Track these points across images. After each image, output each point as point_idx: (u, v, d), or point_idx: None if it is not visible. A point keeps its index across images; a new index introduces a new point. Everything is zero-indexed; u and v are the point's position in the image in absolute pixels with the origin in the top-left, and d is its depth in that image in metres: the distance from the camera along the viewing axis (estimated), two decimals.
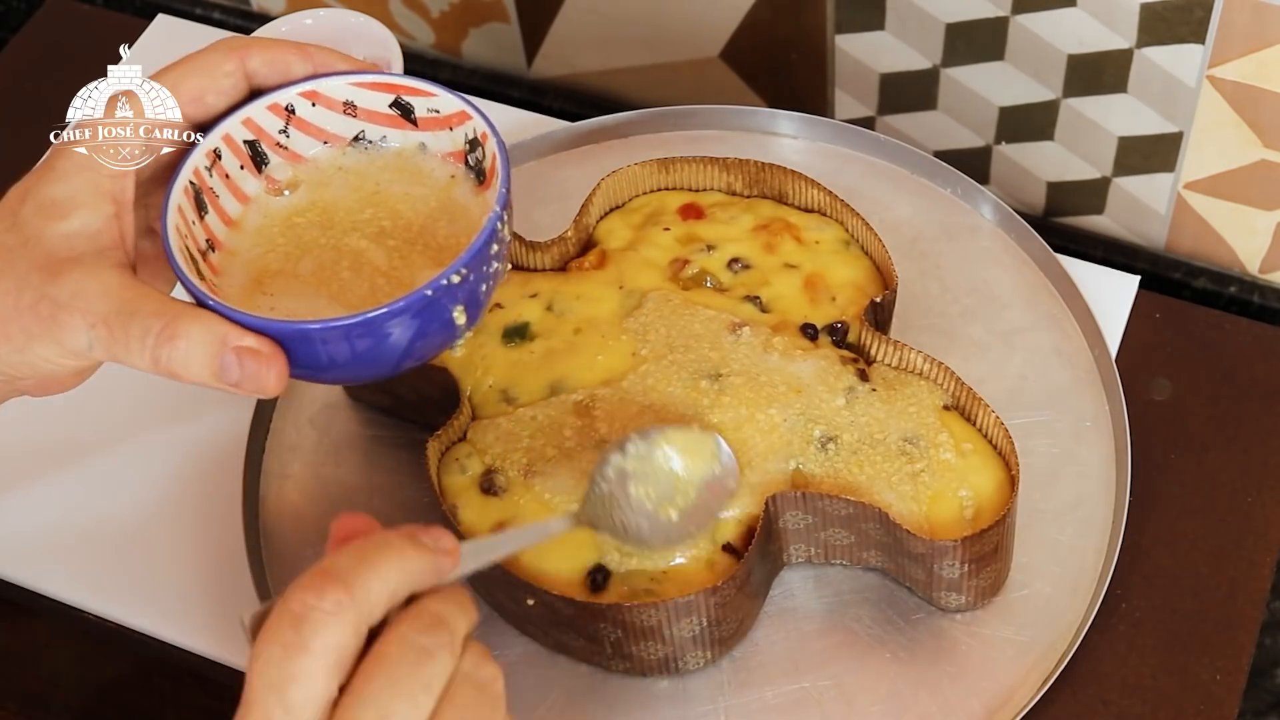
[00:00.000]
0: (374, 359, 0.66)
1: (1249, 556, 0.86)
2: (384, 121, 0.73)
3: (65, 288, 0.65)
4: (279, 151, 0.72)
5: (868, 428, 0.81)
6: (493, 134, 0.71)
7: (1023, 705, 0.80)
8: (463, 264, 0.66)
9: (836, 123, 1.00)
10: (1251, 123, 0.92)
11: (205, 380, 0.65)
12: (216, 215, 0.71)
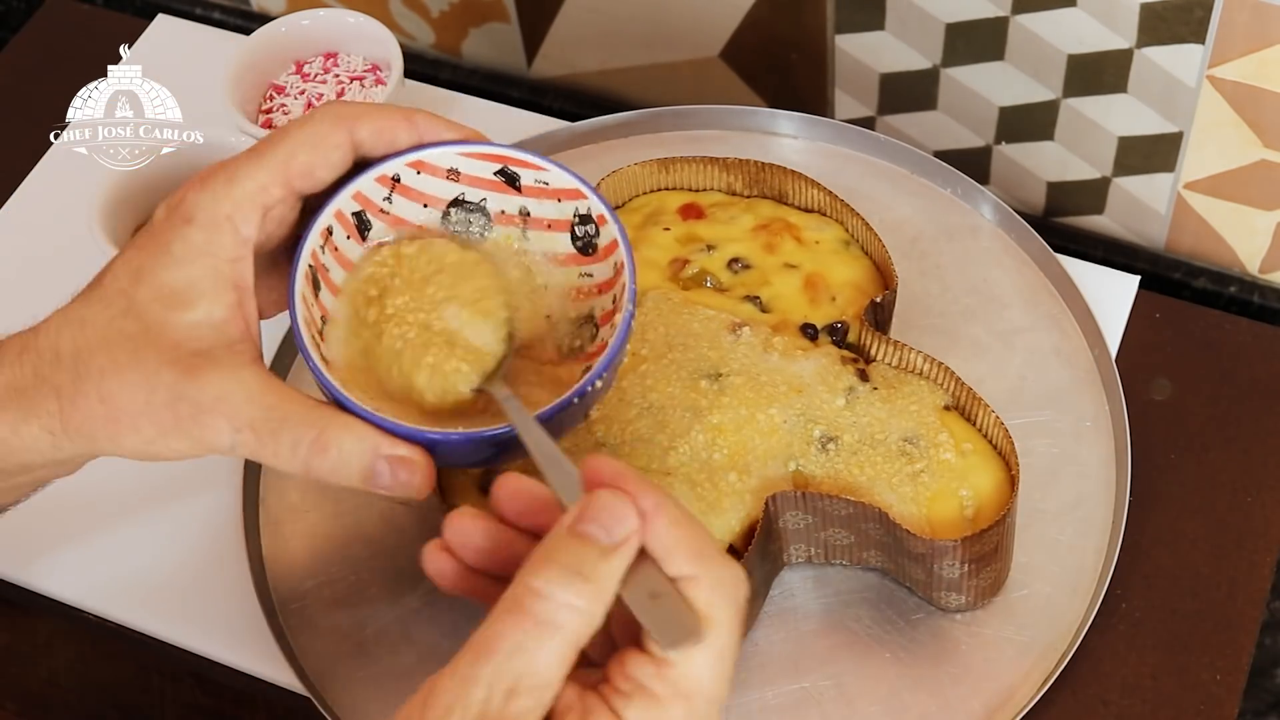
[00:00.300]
0: (508, 456, 0.68)
1: (1249, 556, 0.86)
2: (486, 186, 0.73)
3: (207, 390, 0.65)
4: (382, 217, 0.72)
5: (868, 428, 0.81)
6: (611, 218, 0.71)
7: (1023, 705, 0.80)
8: (604, 368, 0.67)
9: (836, 123, 1.00)
10: (1251, 123, 0.92)
11: (355, 484, 0.66)
12: (327, 289, 0.70)
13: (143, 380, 0.65)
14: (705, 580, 0.57)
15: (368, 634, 0.85)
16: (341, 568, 0.87)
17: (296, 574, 0.87)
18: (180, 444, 0.66)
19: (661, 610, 0.56)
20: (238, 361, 0.65)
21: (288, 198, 0.68)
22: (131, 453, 0.66)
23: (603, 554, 0.56)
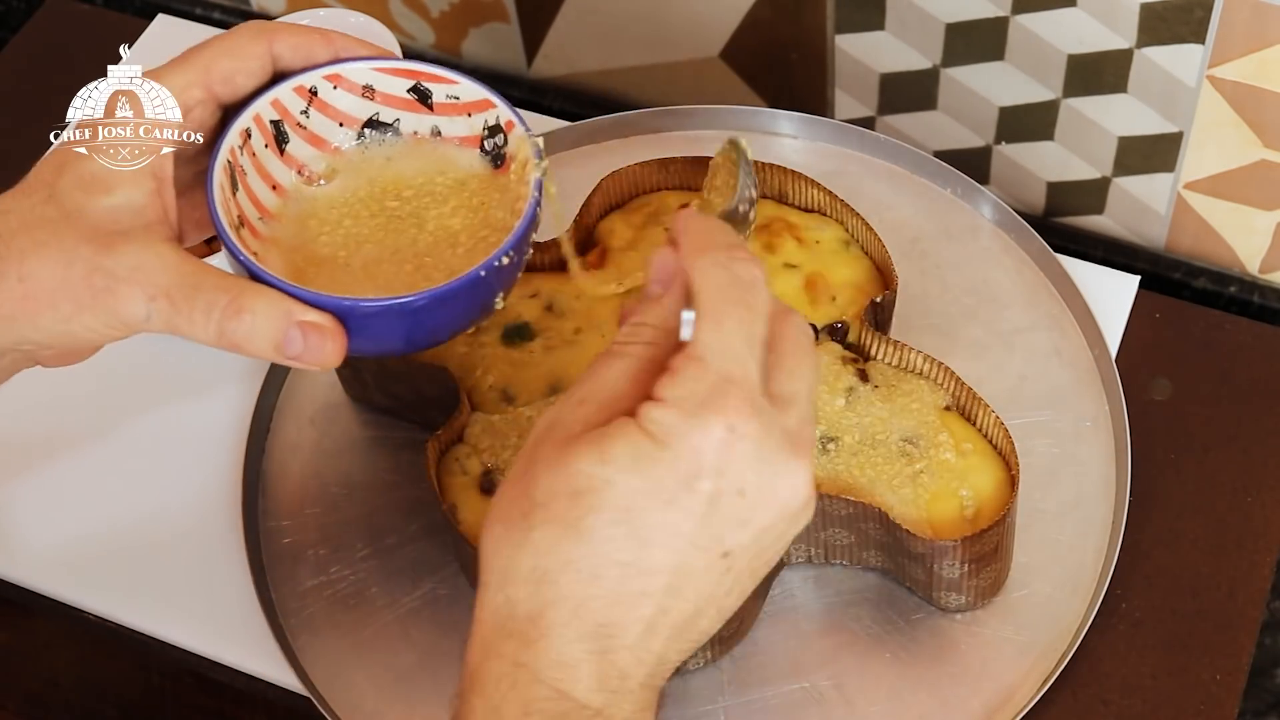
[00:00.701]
0: (421, 335, 0.70)
1: (1249, 556, 0.86)
2: (400, 105, 0.75)
3: (123, 260, 0.66)
4: (298, 131, 0.74)
5: (868, 428, 0.81)
6: (520, 122, 0.73)
7: (1023, 705, 0.80)
8: (510, 246, 0.69)
9: (836, 123, 1.00)
10: (1251, 123, 0.92)
11: (267, 354, 0.67)
12: (246, 194, 0.72)
13: (61, 256, 0.66)
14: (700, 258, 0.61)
15: (368, 634, 0.85)
16: (341, 568, 0.87)
17: (296, 574, 0.87)
18: (95, 320, 0.67)
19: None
20: (154, 237, 0.67)
21: (208, 101, 0.71)
22: (49, 334, 0.68)
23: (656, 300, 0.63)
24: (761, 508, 0.59)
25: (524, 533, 0.59)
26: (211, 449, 0.91)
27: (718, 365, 0.58)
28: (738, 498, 0.59)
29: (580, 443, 0.59)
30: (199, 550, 0.88)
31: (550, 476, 0.59)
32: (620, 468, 0.58)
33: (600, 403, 0.60)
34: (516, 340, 0.86)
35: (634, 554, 0.58)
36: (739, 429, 0.58)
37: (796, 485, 0.60)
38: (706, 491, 0.58)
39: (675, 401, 0.58)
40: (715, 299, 0.60)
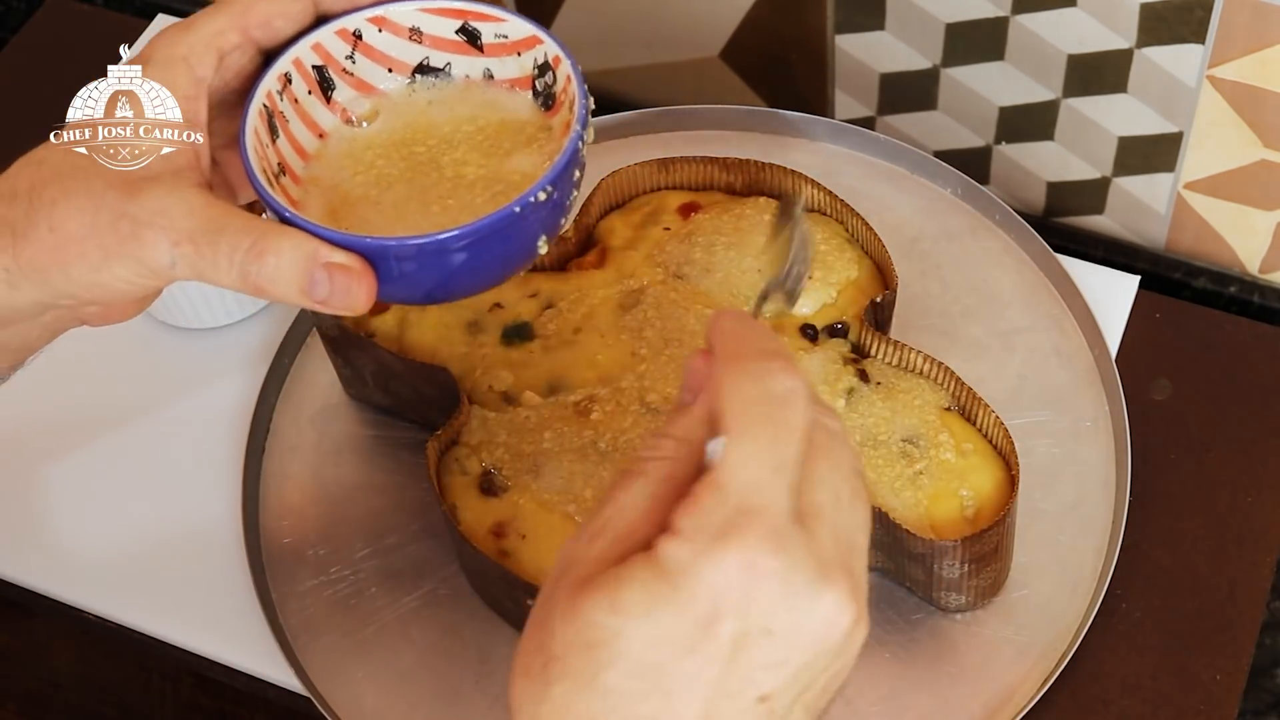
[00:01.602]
0: (457, 280, 0.67)
1: (1249, 556, 0.86)
2: (449, 48, 0.73)
3: (147, 205, 0.65)
4: (345, 78, 0.72)
5: (868, 428, 0.81)
6: (566, 56, 0.70)
7: (1023, 705, 0.80)
8: (549, 181, 0.66)
9: (836, 123, 1.00)
10: (1251, 123, 0.92)
11: (293, 297, 0.65)
12: (287, 141, 0.70)
13: (89, 203, 0.65)
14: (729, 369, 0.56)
15: (368, 634, 0.85)
16: (341, 568, 0.87)
17: (296, 574, 0.87)
18: (124, 268, 0.65)
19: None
20: (181, 182, 0.66)
21: (245, 45, 0.69)
22: (82, 285, 0.66)
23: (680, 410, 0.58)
24: (796, 646, 0.54)
25: (544, 687, 0.54)
26: (211, 449, 0.91)
27: (739, 493, 0.54)
28: (765, 638, 0.54)
29: (593, 588, 0.54)
30: (199, 550, 0.88)
31: (565, 627, 0.54)
32: (633, 615, 0.53)
33: (616, 535, 0.55)
34: (516, 340, 0.86)
35: (658, 706, 0.54)
36: (759, 565, 0.53)
37: (832, 615, 0.54)
38: (729, 635, 0.53)
39: (690, 534, 0.53)
40: (743, 418, 0.55)
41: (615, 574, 0.54)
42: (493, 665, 0.83)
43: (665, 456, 0.56)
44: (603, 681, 0.53)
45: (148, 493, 0.91)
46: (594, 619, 0.53)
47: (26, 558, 0.89)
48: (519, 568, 0.78)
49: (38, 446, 0.93)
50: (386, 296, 0.66)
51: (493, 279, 0.68)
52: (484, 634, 0.84)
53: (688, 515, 0.53)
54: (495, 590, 0.82)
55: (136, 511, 0.90)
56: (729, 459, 0.54)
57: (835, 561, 0.55)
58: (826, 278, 0.86)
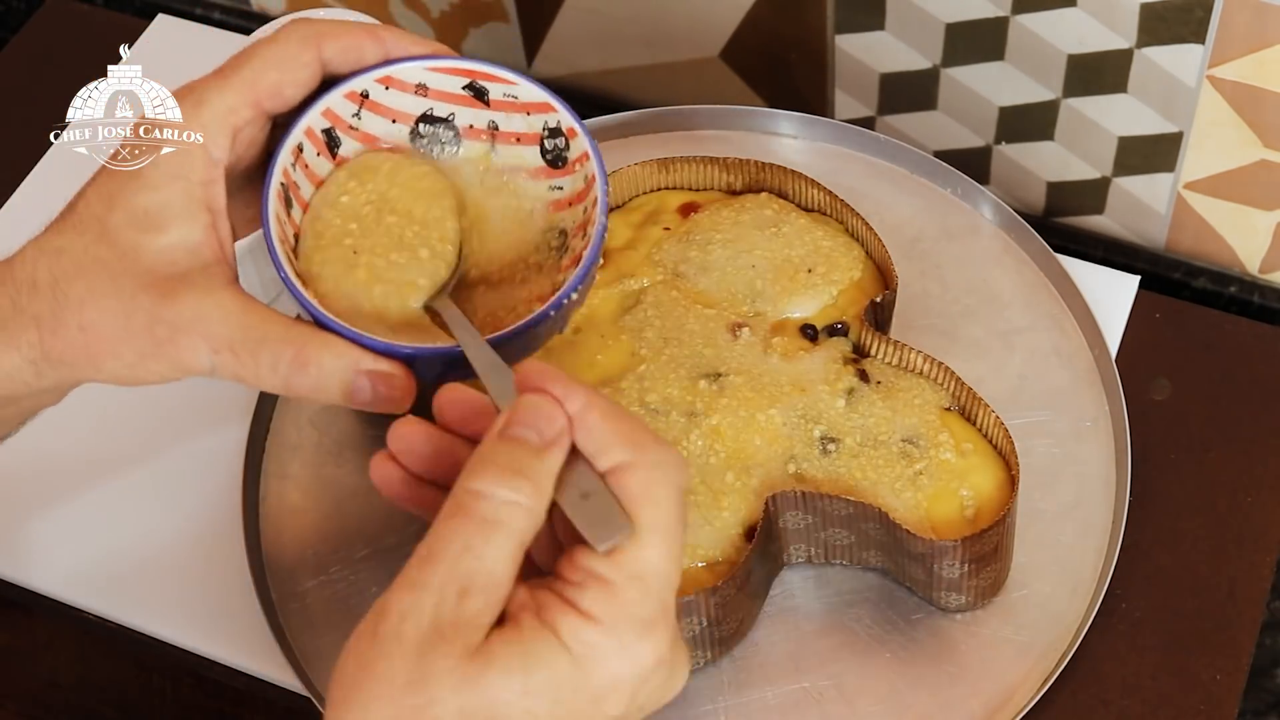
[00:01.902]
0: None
1: (1249, 556, 0.86)
2: (454, 100, 0.73)
3: (184, 313, 0.65)
4: (351, 134, 0.72)
5: (868, 428, 0.81)
6: (582, 130, 0.71)
7: (1023, 705, 0.80)
8: (578, 282, 0.67)
9: (836, 123, 1.00)
10: (1251, 123, 0.92)
11: (336, 401, 0.66)
12: (299, 206, 0.71)
13: (120, 306, 0.65)
14: (640, 465, 0.58)
15: None
16: (341, 568, 0.87)
17: (296, 574, 0.87)
18: (160, 367, 0.66)
19: (593, 509, 0.58)
20: (213, 284, 0.66)
21: (257, 119, 0.68)
22: (113, 377, 0.67)
23: (536, 453, 0.58)
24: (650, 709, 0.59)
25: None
26: (212, 449, 0.91)
27: (659, 590, 0.57)
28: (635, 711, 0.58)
29: (496, 663, 0.55)
30: (199, 550, 0.88)
31: (462, 697, 0.55)
32: (542, 697, 0.55)
33: (488, 595, 0.56)
34: None
35: None
36: (665, 659, 0.57)
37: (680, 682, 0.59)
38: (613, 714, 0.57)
39: (612, 623, 0.56)
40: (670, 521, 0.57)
41: (524, 653, 0.55)
42: None
43: (527, 506, 0.57)
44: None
45: (148, 493, 0.91)
46: (503, 698, 0.55)
47: (26, 558, 0.89)
48: None
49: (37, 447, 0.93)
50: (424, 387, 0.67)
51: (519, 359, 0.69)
52: None
53: (608, 605, 0.56)
54: None
55: (136, 512, 0.90)
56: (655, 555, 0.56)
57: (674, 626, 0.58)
58: (829, 275, 0.86)
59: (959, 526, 0.79)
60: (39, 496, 0.91)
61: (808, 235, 0.88)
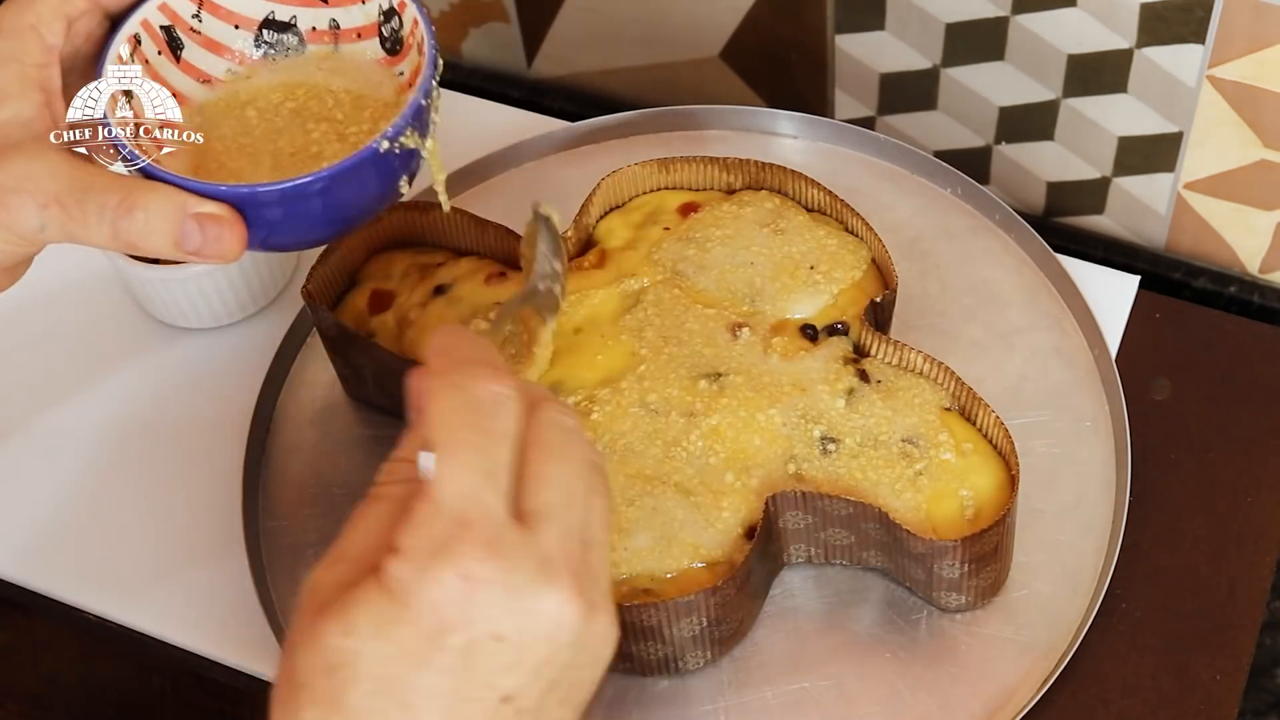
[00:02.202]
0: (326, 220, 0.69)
1: (1249, 556, 0.86)
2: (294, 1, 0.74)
3: (11, 171, 0.66)
4: (193, 37, 0.73)
5: (868, 428, 0.81)
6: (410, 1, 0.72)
7: (1023, 705, 0.80)
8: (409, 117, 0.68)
9: (836, 123, 1.00)
10: (1251, 123, 0.92)
11: (166, 250, 0.66)
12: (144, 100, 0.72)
13: None
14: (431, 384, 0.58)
15: None
16: None
17: (296, 574, 0.87)
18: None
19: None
20: (44, 149, 0.67)
21: (92, 11, 0.70)
22: None
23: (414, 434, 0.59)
24: (526, 646, 0.56)
25: (293, 711, 0.56)
26: (211, 449, 0.91)
27: (451, 506, 0.56)
28: (496, 644, 0.56)
29: (328, 614, 0.56)
30: (199, 550, 0.88)
31: (305, 654, 0.56)
32: (365, 636, 0.55)
33: (353, 559, 0.58)
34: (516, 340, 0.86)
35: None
36: (475, 575, 0.55)
37: (556, 613, 0.56)
38: (458, 646, 0.55)
39: (411, 552, 0.55)
40: (448, 430, 0.57)
41: (346, 598, 0.56)
42: None
43: (399, 480, 0.58)
44: (346, 704, 0.55)
45: (148, 493, 0.91)
46: (330, 643, 0.55)
47: (27, 558, 0.89)
48: None
49: (37, 447, 0.93)
50: (258, 244, 0.68)
51: (360, 218, 0.71)
52: None
53: (407, 534, 0.55)
54: None
55: (136, 512, 0.90)
56: (440, 474, 0.56)
57: (560, 561, 0.56)
58: (830, 274, 0.86)
59: (959, 526, 0.79)
60: (39, 496, 0.91)
61: (809, 233, 0.88)
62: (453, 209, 0.89)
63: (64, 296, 0.99)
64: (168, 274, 0.93)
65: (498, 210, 0.94)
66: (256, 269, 0.95)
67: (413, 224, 0.91)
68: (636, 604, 0.76)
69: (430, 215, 0.90)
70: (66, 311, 0.98)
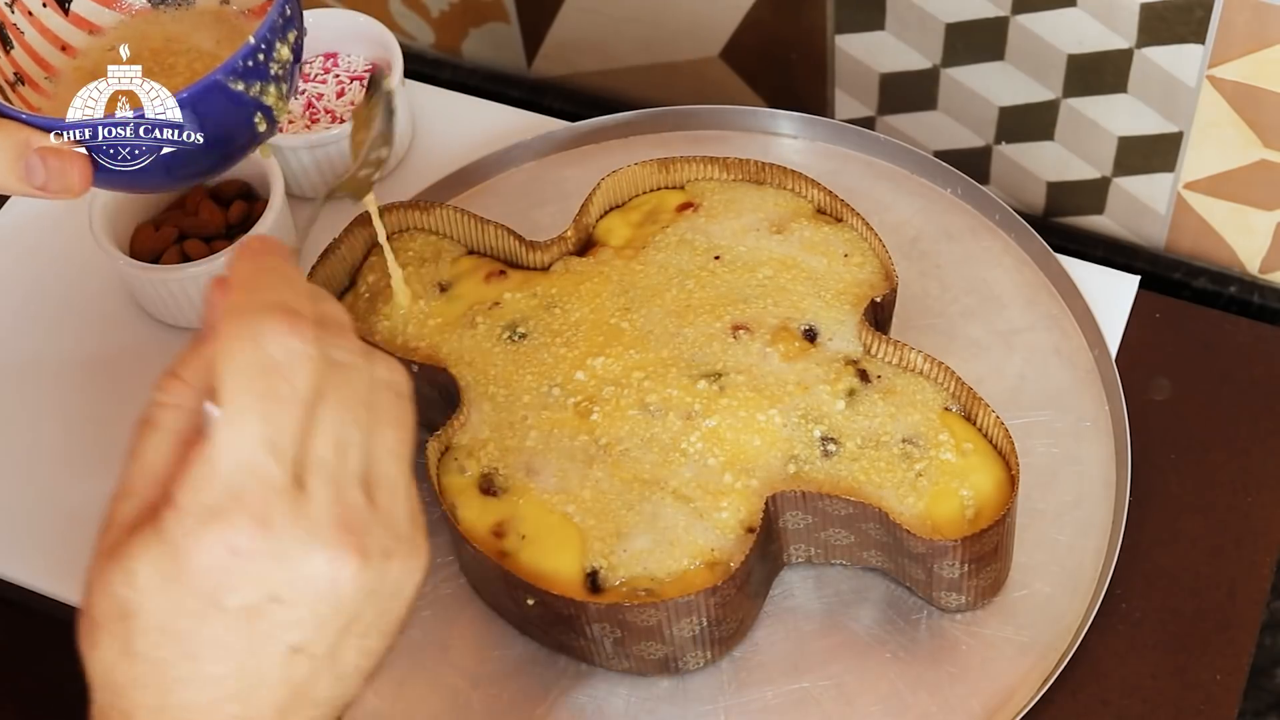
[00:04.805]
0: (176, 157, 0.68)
1: (1249, 556, 0.86)
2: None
3: None
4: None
5: (868, 428, 0.81)
6: None
7: (1023, 705, 0.80)
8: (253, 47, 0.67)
9: (836, 123, 1.00)
10: (1251, 123, 0.92)
11: (13, 186, 0.66)
12: (24, 52, 0.72)
13: None
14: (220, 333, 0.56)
15: None
16: None
17: None
18: None
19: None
20: None
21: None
22: None
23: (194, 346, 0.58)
24: (307, 603, 0.56)
25: (92, 649, 0.57)
26: None
27: (227, 474, 0.55)
28: (276, 604, 0.56)
29: (114, 558, 0.56)
30: None
31: (98, 596, 0.57)
32: (147, 589, 0.55)
33: (139, 495, 0.58)
34: (516, 340, 0.86)
35: (190, 669, 0.56)
36: (244, 549, 0.55)
37: (328, 570, 0.56)
38: (236, 607, 0.56)
39: (185, 510, 0.55)
40: (236, 390, 0.55)
41: (130, 544, 0.56)
42: (492, 665, 0.83)
43: (175, 404, 0.58)
44: (135, 649, 0.56)
45: None
46: (117, 591, 0.56)
47: (26, 558, 0.89)
48: (519, 568, 0.78)
49: (38, 447, 0.93)
50: (109, 181, 0.67)
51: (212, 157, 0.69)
52: (484, 634, 0.84)
53: (182, 489, 0.55)
54: (495, 590, 0.82)
55: None
56: (222, 436, 0.55)
57: (327, 519, 0.56)
58: (831, 274, 0.86)
59: (959, 526, 0.79)
60: (39, 496, 0.91)
61: (809, 233, 0.88)
62: (453, 209, 0.89)
63: (64, 296, 0.99)
64: (168, 274, 0.93)
65: (498, 210, 0.94)
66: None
67: (413, 223, 0.91)
68: (636, 604, 0.76)
69: (431, 214, 0.90)
70: (66, 312, 0.98)
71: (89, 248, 0.96)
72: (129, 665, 0.56)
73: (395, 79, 0.74)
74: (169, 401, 0.58)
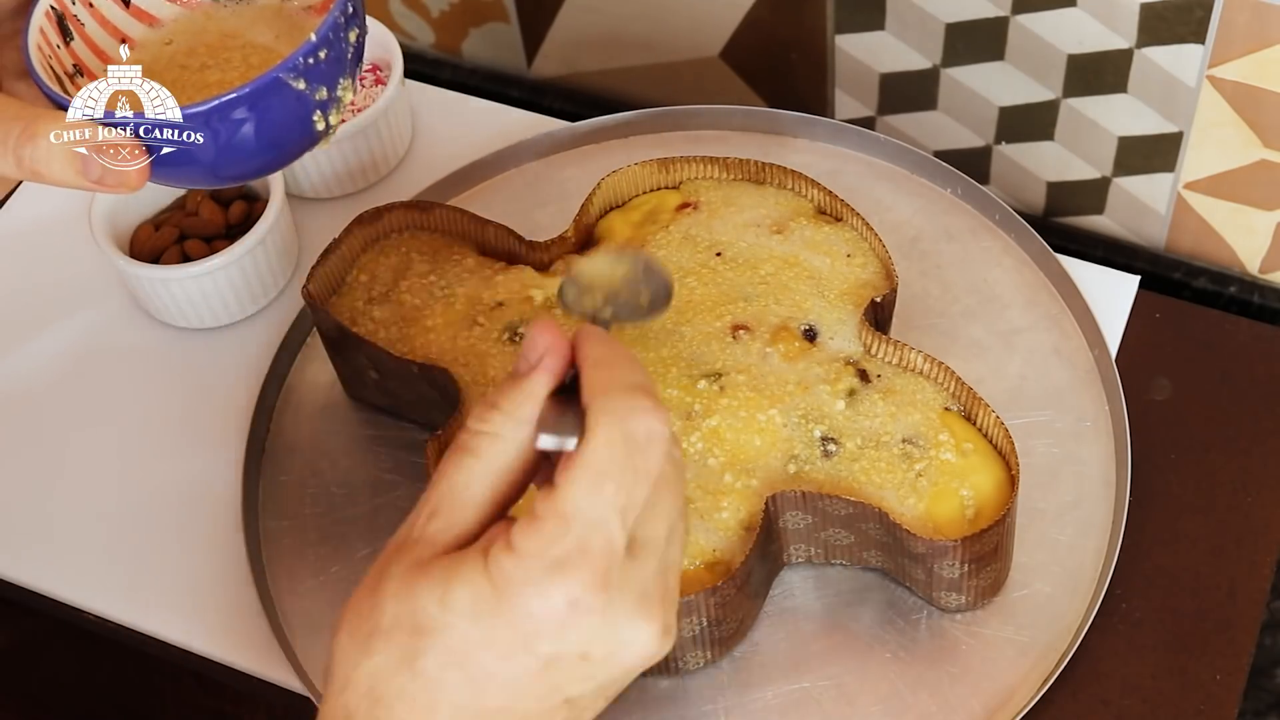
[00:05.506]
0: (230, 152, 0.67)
1: (1249, 556, 0.86)
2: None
3: None
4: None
5: (868, 428, 0.81)
6: None
7: (1023, 705, 0.80)
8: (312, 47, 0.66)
9: (836, 123, 1.00)
10: (1251, 123, 0.92)
11: (69, 179, 0.66)
12: (84, 44, 0.72)
13: None
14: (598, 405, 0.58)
15: None
16: (341, 568, 0.87)
17: (296, 573, 0.87)
18: None
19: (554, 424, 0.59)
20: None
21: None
22: None
23: (512, 381, 0.60)
24: (605, 668, 0.58)
25: (364, 654, 0.58)
26: (211, 449, 0.91)
27: (581, 530, 0.57)
28: (579, 660, 0.58)
29: (428, 575, 0.58)
30: (199, 550, 0.88)
31: (395, 604, 0.58)
32: (460, 614, 0.57)
33: (450, 519, 0.59)
34: (517, 339, 0.86)
35: (469, 698, 0.57)
36: (582, 604, 0.57)
37: (645, 648, 0.59)
38: (545, 653, 0.57)
39: (526, 555, 0.57)
40: (603, 457, 0.57)
41: (449, 569, 0.57)
42: None
43: (496, 433, 0.59)
44: (420, 665, 0.57)
45: (148, 493, 0.91)
46: (424, 607, 0.57)
47: (26, 558, 0.89)
48: None
49: (38, 446, 0.93)
50: (163, 176, 0.67)
51: (269, 155, 0.68)
52: None
53: (527, 537, 0.57)
54: None
55: (137, 511, 0.90)
56: (580, 492, 0.57)
57: (656, 595, 0.59)
58: (832, 274, 0.86)
59: (959, 526, 0.79)
60: (39, 497, 0.91)
61: (809, 233, 0.88)
62: (453, 209, 0.89)
63: (64, 296, 0.99)
64: (168, 274, 0.93)
65: (498, 210, 0.94)
66: (257, 269, 0.95)
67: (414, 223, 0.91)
68: None
69: (431, 214, 0.90)
70: (67, 312, 0.98)
71: (89, 248, 0.96)
72: (406, 679, 0.57)
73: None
74: (488, 430, 0.59)
